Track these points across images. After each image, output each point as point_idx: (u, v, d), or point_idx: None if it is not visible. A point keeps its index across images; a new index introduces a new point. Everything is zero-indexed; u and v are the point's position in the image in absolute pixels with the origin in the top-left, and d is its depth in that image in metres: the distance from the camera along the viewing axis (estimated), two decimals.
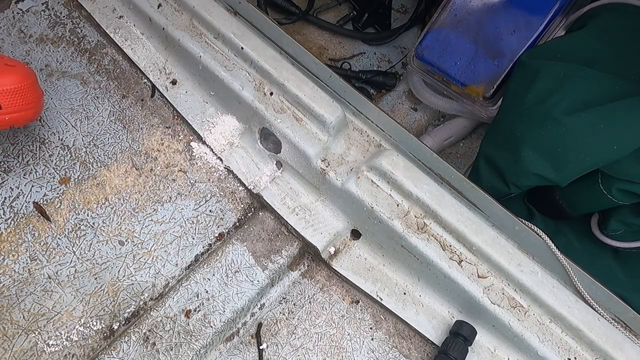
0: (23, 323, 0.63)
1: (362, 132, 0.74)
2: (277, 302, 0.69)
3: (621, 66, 0.75)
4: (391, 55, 1.12)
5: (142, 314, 0.65)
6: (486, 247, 0.66)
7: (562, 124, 0.69)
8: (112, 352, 0.62)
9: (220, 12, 0.77)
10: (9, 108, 0.69)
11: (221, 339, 0.66)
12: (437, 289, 0.68)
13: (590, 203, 0.77)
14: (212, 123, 0.78)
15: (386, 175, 0.68)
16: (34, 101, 0.71)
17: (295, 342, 0.67)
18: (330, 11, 1.14)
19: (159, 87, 0.80)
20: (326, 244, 0.71)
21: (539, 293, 0.64)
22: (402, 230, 0.67)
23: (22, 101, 0.70)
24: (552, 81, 0.73)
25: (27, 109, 0.71)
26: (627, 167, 0.69)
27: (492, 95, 0.86)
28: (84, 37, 0.83)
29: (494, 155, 0.78)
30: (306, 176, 0.73)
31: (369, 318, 0.69)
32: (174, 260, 0.69)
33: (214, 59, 0.76)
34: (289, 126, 0.71)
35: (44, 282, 0.66)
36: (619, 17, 0.79)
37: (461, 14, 0.88)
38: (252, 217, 0.73)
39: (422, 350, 0.68)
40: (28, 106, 0.71)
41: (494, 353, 0.66)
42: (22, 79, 0.69)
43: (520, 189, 0.77)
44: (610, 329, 0.64)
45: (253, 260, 0.70)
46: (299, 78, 0.72)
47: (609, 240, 0.80)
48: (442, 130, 1.00)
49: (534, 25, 0.83)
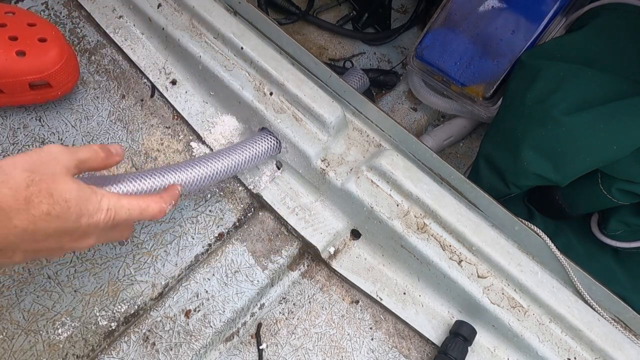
0: (23, 323, 0.63)
1: (362, 132, 0.74)
2: (277, 302, 0.69)
3: (621, 66, 0.75)
4: (391, 55, 1.12)
5: (142, 314, 0.65)
6: (486, 247, 0.66)
7: (562, 124, 0.69)
8: (112, 352, 0.62)
9: (220, 12, 0.77)
10: (58, 84, 0.72)
11: (221, 339, 0.66)
12: (437, 289, 0.68)
13: (590, 203, 0.77)
14: (211, 123, 0.78)
15: (386, 175, 0.68)
16: (74, 67, 0.74)
17: (295, 342, 0.67)
18: (330, 11, 1.14)
19: (158, 87, 0.80)
20: (326, 244, 0.70)
21: (538, 293, 0.64)
22: (402, 230, 0.67)
23: (66, 73, 0.72)
24: (552, 81, 0.73)
25: (71, 79, 0.74)
26: (627, 167, 0.69)
27: (492, 95, 0.86)
28: (84, 37, 0.83)
29: (494, 155, 0.78)
30: (306, 176, 0.73)
31: (368, 318, 0.69)
32: (174, 260, 0.69)
33: (214, 59, 0.76)
34: (289, 126, 0.71)
35: (44, 282, 0.66)
36: (619, 17, 0.79)
37: (461, 14, 0.88)
38: (252, 217, 0.73)
39: (422, 350, 0.68)
40: (71, 76, 0.74)
41: (493, 353, 0.66)
42: (62, 53, 0.70)
43: (520, 189, 0.77)
44: (610, 329, 0.64)
45: (253, 260, 0.70)
46: (298, 78, 0.72)
47: (609, 240, 0.80)
48: (442, 130, 1.00)
49: (533, 25, 0.83)
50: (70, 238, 0.48)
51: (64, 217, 0.45)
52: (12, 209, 0.42)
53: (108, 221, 0.50)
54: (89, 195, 0.48)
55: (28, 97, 0.72)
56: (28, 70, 0.68)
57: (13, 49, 0.67)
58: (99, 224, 0.49)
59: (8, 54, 0.67)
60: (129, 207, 0.52)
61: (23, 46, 0.68)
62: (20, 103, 0.74)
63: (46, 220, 0.44)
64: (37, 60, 0.68)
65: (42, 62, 0.69)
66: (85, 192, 0.48)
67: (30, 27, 0.70)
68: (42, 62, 0.69)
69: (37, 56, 0.68)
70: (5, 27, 0.69)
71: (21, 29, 0.69)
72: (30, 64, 0.68)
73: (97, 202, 0.49)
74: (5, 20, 0.69)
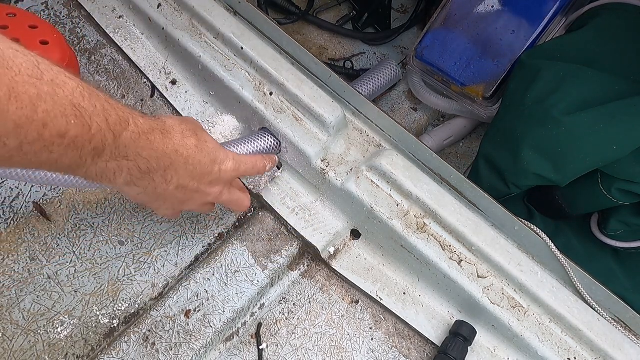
0: (23, 323, 0.63)
1: (362, 132, 0.74)
2: (277, 302, 0.69)
3: (621, 66, 0.75)
4: (391, 55, 1.12)
5: (142, 314, 0.65)
6: (486, 247, 0.66)
7: (562, 124, 0.69)
8: (112, 352, 0.62)
9: (220, 12, 0.77)
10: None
11: (221, 339, 0.66)
12: (437, 289, 0.68)
13: (590, 203, 0.77)
14: (212, 123, 0.78)
15: (386, 175, 0.68)
16: (75, 70, 0.75)
17: (295, 342, 0.67)
18: (330, 11, 1.14)
19: (158, 87, 0.80)
20: (326, 244, 0.70)
21: (538, 293, 0.64)
22: (401, 230, 0.67)
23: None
24: (552, 81, 0.73)
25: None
26: (627, 167, 0.69)
27: (492, 95, 0.86)
28: (84, 37, 0.83)
29: (494, 155, 0.78)
30: (306, 176, 0.73)
31: (368, 318, 0.69)
32: (174, 260, 0.69)
33: (214, 59, 0.76)
34: (289, 126, 0.71)
35: (44, 282, 0.66)
36: (619, 17, 0.79)
37: (461, 14, 0.88)
38: (252, 217, 0.73)
39: (421, 350, 0.68)
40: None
41: (493, 353, 0.66)
42: (63, 56, 0.70)
43: (520, 189, 0.77)
44: (610, 329, 0.64)
45: (253, 260, 0.70)
46: (298, 78, 0.72)
47: (609, 240, 0.80)
48: (442, 130, 1.00)
49: (533, 25, 0.83)
50: (206, 181, 0.56)
51: (204, 154, 0.55)
52: (175, 137, 0.52)
53: (233, 171, 0.59)
54: (220, 147, 0.58)
55: None
56: None
57: None
58: (227, 171, 0.58)
59: None
60: (246, 162, 0.62)
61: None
62: None
63: (195, 151, 0.53)
64: None
65: None
66: (217, 144, 0.58)
67: (31, 29, 0.70)
68: None
69: None
70: (7, 30, 0.69)
71: (23, 31, 0.69)
72: None
73: (225, 153, 0.58)
74: (6, 22, 0.69)
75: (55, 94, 0.38)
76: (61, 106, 0.38)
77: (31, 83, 0.36)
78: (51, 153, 0.39)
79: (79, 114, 0.40)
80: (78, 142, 0.40)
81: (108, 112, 0.43)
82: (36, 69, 0.37)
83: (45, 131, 0.37)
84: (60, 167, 0.41)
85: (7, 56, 0.35)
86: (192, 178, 0.55)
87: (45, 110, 0.37)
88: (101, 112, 0.42)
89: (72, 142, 0.40)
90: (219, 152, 0.57)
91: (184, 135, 0.53)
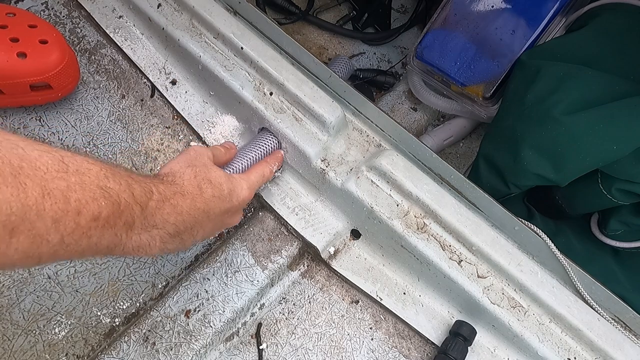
0: (23, 323, 0.63)
1: (362, 132, 0.74)
2: (277, 302, 0.69)
3: (621, 66, 0.75)
4: (391, 55, 1.12)
5: (142, 314, 0.65)
6: (486, 247, 0.66)
7: (562, 123, 0.69)
8: (112, 352, 0.62)
9: (220, 12, 0.77)
10: (58, 86, 0.72)
11: (221, 339, 0.66)
12: (436, 289, 0.68)
13: (590, 203, 0.77)
14: (211, 123, 0.78)
15: (386, 175, 0.68)
16: (74, 69, 0.74)
17: (295, 342, 0.67)
18: (330, 11, 1.14)
19: (158, 87, 0.80)
20: (326, 244, 0.71)
21: (538, 293, 0.64)
22: (401, 230, 0.67)
23: (67, 75, 0.73)
24: (552, 81, 0.73)
25: (72, 81, 0.75)
26: (627, 167, 0.69)
27: (492, 95, 0.86)
28: (84, 37, 0.83)
29: (494, 155, 0.78)
30: (306, 176, 0.73)
31: (368, 318, 0.69)
32: (174, 260, 0.69)
33: (214, 59, 0.76)
34: (289, 126, 0.71)
35: (44, 282, 0.66)
36: (619, 17, 0.79)
37: (461, 14, 0.88)
38: (252, 217, 0.73)
39: (421, 350, 0.68)
40: (71, 78, 0.74)
41: (493, 353, 0.66)
42: (63, 55, 0.70)
43: (520, 188, 0.77)
44: (610, 329, 0.64)
45: (253, 260, 0.70)
46: (298, 78, 0.72)
47: (609, 240, 0.80)
48: (442, 130, 1.00)
49: (533, 25, 0.83)
50: (228, 215, 0.59)
51: (223, 197, 0.56)
52: (194, 195, 0.53)
53: (249, 196, 0.61)
54: (231, 179, 0.59)
55: (29, 98, 0.72)
56: (29, 72, 0.68)
57: (14, 50, 0.67)
58: (245, 200, 0.60)
59: (9, 55, 0.67)
60: (256, 179, 0.64)
61: (24, 48, 0.68)
62: (21, 104, 0.74)
63: (213, 201, 0.55)
64: (38, 62, 0.68)
65: (43, 63, 0.69)
66: (228, 176, 0.58)
67: (31, 28, 0.70)
68: (43, 64, 0.69)
69: (38, 58, 0.68)
70: (6, 29, 0.69)
71: (22, 30, 0.69)
72: (31, 65, 0.68)
73: (238, 183, 0.59)
74: (6, 22, 0.69)
75: (82, 182, 0.40)
76: (90, 191, 0.40)
77: (59, 177, 0.38)
78: (90, 238, 0.41)
79: (107, 194, 0.41)
80: (110, 220, 0.42)
81: (132, 186, 0.45)
82: (61, 163, 0.39)
83: (81, 218, 0.39)
84: (100, 250, 0.43)
85: (33, 157, 0.37)
86: (215, 224, 0.57)
87: (77, 199, 0.39)
88: (126, 187, 0.44)
89: (106, 222, 0.42)
90: (232, 185, 0.58)
91: (200, 188, 0.54)
